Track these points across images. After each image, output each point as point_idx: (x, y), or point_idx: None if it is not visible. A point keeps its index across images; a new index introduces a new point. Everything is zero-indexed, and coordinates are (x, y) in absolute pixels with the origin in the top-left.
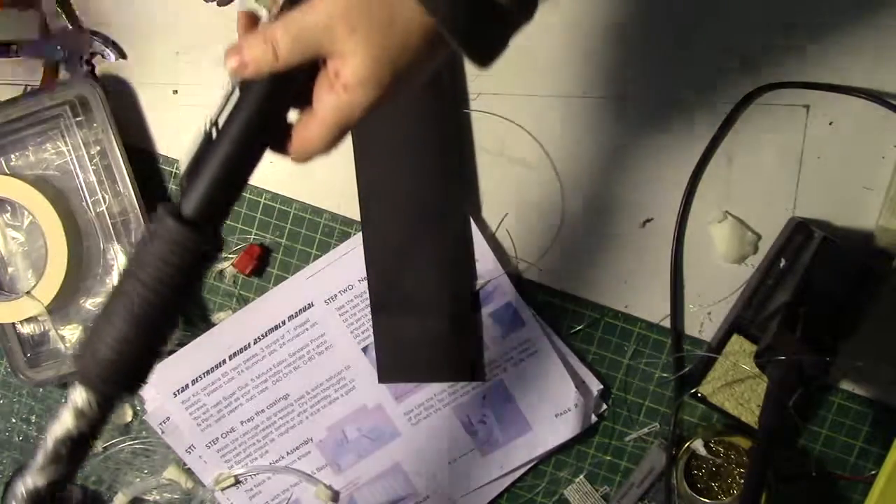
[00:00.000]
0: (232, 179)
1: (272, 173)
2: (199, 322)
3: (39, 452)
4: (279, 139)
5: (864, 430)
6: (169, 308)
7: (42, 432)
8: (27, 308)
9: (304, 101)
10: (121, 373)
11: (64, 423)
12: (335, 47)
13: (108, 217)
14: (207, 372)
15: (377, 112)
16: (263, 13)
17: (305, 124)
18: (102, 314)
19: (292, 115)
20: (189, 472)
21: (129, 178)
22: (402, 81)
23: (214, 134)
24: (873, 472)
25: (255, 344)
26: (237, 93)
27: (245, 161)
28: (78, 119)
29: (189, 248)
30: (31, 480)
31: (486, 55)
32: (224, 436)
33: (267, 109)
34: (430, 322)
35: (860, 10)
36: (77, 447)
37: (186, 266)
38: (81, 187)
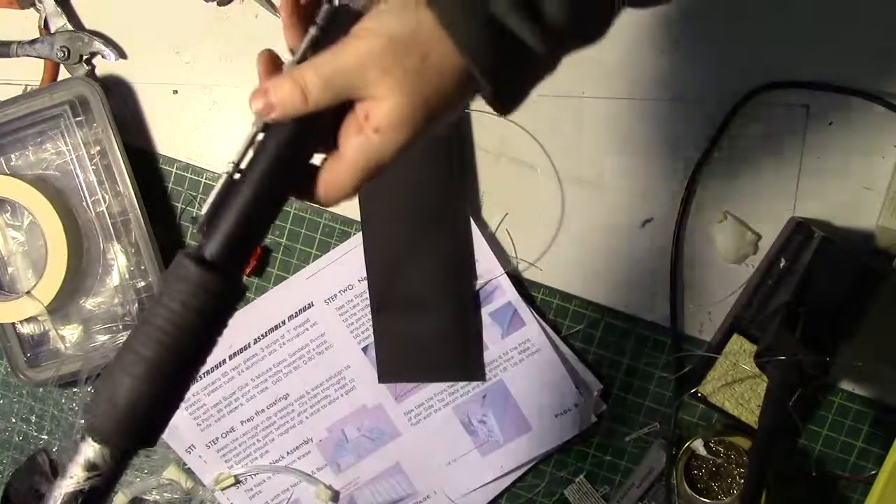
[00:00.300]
0: (255, 225)
1: None
2: None
3: None
4: (303, 183)
5: (864, 430)
6: (189, 356)
7: (41, 432)
8: (27, 308)
9: (328, 144)
10: (137, 424)
11: (75, 478)
12: (367, 91)
13: (108, 217)
14: (207, 372)
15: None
16: (287, 56)
17: (332, 168)
18: (117, 362)
19: (316, 159)
20: (189, 472)
21: (129, 178)
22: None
23: (237, 177)
24: (873, 472)
25: (255, 344)
26: (260, 136)
27: (269, 206)
28: (78, 119)
29: (211, 292)
30: None
31: (511, 99)
32: (224, 436)
33: (292, 153)
34: (430, 322)
35: (860, 9)
36: None
37: (209, 311)
38: (81, 187)
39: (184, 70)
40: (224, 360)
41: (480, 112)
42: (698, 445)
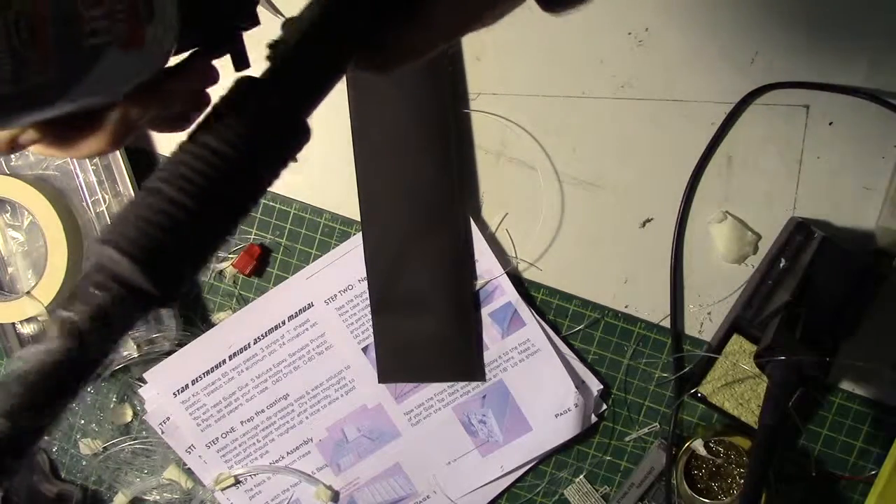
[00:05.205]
0: (321, 65)
1: None
2: (199, 322)
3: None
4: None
5: (864, 430)
6: (236, 188)
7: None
8: (27, 308)
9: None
10: (152, 253)
11: (60, 314)
12: None
13: (108, 217)
14: (207, 372)
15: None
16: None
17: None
18: (148, 180)
19: None
20: (189, 472)
21: (129, 178)
22: None
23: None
24: (873, 472)
25: (255, 344)
26: None
27: (333, 54)
28: None
29: (273, 117)
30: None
31: None
32: (224, 436)
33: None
34: (430, 322)
35: (860, 9)
36: (105, 326)
37: (271, 138)
38: (81, 187)
39: None
40: (224, 361)
41: (480, 112)
42: (698, 445)
